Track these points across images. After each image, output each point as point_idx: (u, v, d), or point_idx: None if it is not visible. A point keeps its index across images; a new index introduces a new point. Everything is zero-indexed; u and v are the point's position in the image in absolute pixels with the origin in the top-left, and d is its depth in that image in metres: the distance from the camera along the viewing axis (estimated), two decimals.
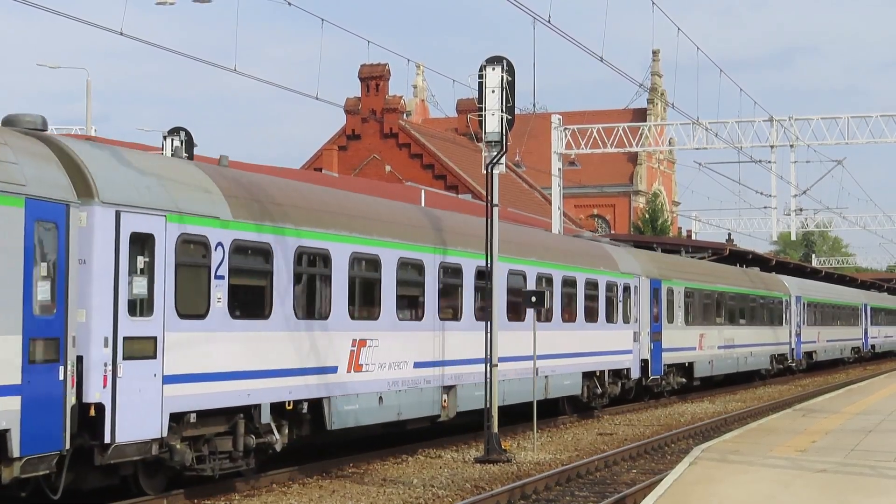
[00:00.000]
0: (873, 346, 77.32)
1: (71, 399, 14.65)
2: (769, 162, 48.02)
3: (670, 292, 37.82)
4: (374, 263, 21.47)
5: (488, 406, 22.74)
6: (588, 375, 31.13)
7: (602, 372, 32.19)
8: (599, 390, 32.02)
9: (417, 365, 22.63)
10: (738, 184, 54.74)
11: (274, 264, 18.58)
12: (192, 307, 16.85)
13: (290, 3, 21.61)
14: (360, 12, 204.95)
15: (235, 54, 21.75)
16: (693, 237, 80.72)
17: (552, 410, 30.94)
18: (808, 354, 57.70)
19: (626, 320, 33.42)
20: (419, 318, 22.88)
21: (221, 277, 17.41)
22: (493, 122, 22.71)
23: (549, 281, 28.73)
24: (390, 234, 21.97)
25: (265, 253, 18.48)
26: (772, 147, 46.85)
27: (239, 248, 17.84)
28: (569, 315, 30.13)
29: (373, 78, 79.99)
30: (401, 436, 24.49)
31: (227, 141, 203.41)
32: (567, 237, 36.44)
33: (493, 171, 22.98)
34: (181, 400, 16.45)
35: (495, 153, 22.87)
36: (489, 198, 23.00)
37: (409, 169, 78.88)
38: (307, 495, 18.21)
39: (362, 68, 79.77)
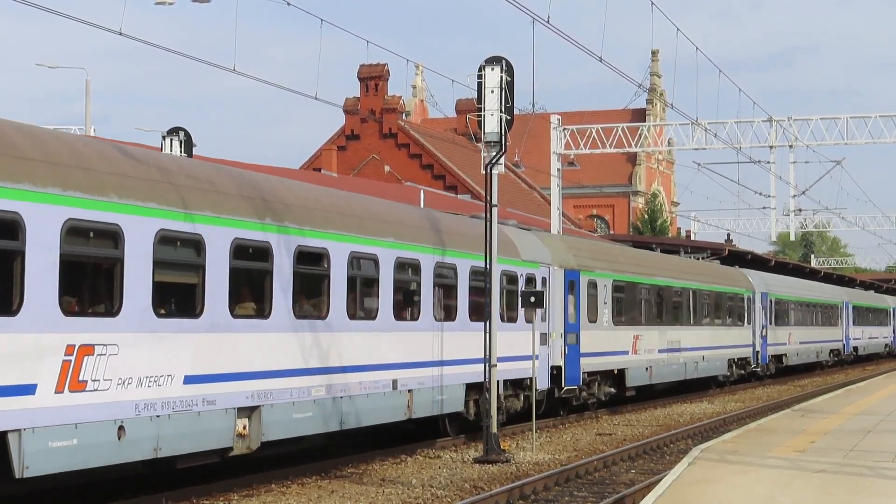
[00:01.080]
0: (855, 349, 72.01)
1: None
2: (768, 162, 48.01)
3: (593, 286, 32.14)
4: (109, 236, 15.44)
5: (487, 406, 22.75)
6: (476, 387, 25.07)
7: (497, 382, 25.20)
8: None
9: (191, 380, 16.58)
10: (737, 184, 54.63)
11: None
12: None
13: (289, 4, 21.61)
14: (359, 12, 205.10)
15: (234, 54, 21.74)
16: (692, 238, 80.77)
17: (426, 433, 25.01)
18: (777, 358, 52.50)
19: (529, 319, 26.43)
20: (196, 314, 16.92)
21: None
22: (492, 123, 22.72)
23: (416, 268, 23.10)
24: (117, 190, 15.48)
25: None
26: (771, 147, 46.83)
27: None
28: (446, 313, 24.28)
29: (372, 78, 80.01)
30: (400, 436, 24.49)
31: (227, 141, 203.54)
32: (447, 214, 27.54)
33: (492, 172, 22.99)
34: None
35: (494, 153, 22.88)
36: (488, 198, 23.00)
37: (408, 169, 78.88)
38: (306, 495, 18.21)
39: (361, 68, 79.80)
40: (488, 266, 22.98)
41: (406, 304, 22.91)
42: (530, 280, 28.18)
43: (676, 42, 31.18)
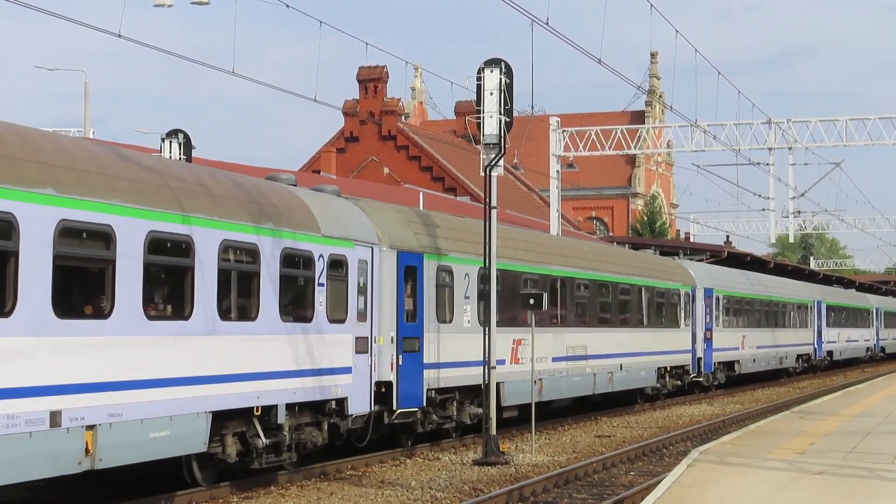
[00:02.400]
0: (830, 354, 63.93)
1: None
2: (767, 164, 48.06)
3: (446, 274, 24.23)
4: None
5: (486, 407, 22.76)
6: (232, 416, 17.75)
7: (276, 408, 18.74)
8: (261, 442, 18.43)
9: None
10: (736, 186, 54.72)
11: None
12: None
13: (288, 6, 21.63)
14: (358, 15, 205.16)
15: (234, 56, 21.77)
16: (691, 239, 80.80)
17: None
18: (728, 365, 45.31)
19: (341, 318, 20.20)
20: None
21: None
22: (491, 125, 22.72)
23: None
24: None
25: None
26: (770, 149, 46.89)
27: None
28: (173, 308, 16.73)
29: (371, 80, 79.99)
30: (398, 437, 24.46)
31: (226, 143, 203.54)
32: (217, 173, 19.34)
33: (492, 174, 23.00)
34: None
35: (493, 155, 22.89)
36: (487, 200, 23.01)
37: (407, 171, 78.86)
38: (305, 497, 18.21)
39: (360, 70, 79.79)
40: (487, 267, 22.98)
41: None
42: (336, 264, 20.44)
43: (675, 44, 31.25)
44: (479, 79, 22.84)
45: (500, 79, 22.70)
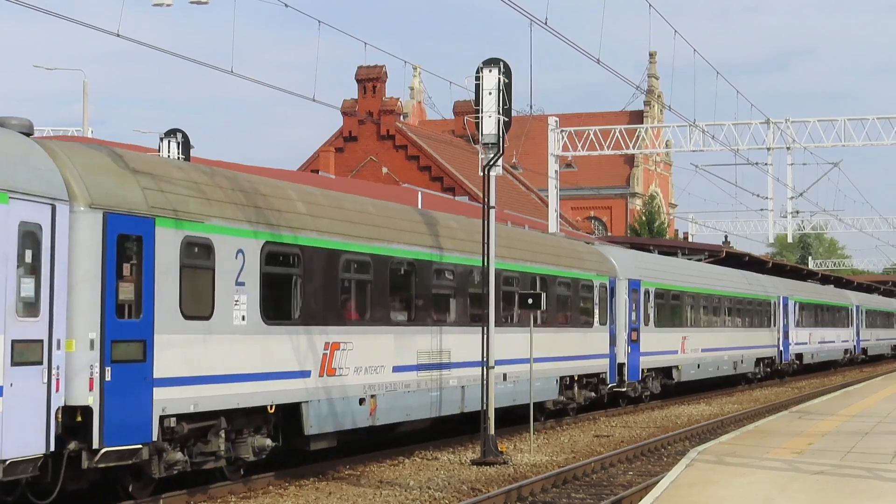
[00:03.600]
0: (799, 357, 56.58)
1: None
2: (766, 164, 48.09)
3: (203, 250, 17.48)
4: None
5: (484, 408, 22.76)
6: None
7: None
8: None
9: None
10: (734, 186, 54.70)
11: None
12: None
13: (286, 5, 21.61)
14: (357, 14, 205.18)
15: (232, 56, 21.77)
16: (690, 239, 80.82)
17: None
18: (665, 372, 38.24)
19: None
20: None
21: None
22: (489, 125, 22.73)
23: None
24: None
25: None
26: (768, 149, 46.90)
27: None
28: None
29: (370, 80, 79.99)
30: (397, 438, 24.48)
31: (225, 143, 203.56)
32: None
33: (490, 173, 23.00)
34: None
35: (492, 155, 22.89)
36: (486, 200, 23.02)
37: (405, 171, 78.87)
38: (303, 497, 18.21)
39: (359, 70, 79.80)
40: (486, 267, 22.98)
41: None
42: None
43: (674, 44, 31.25)
44: (477, 79, 22.84)
45: (499, 79, 22.71)
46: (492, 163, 22.92)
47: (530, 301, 24.69)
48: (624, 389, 34.29)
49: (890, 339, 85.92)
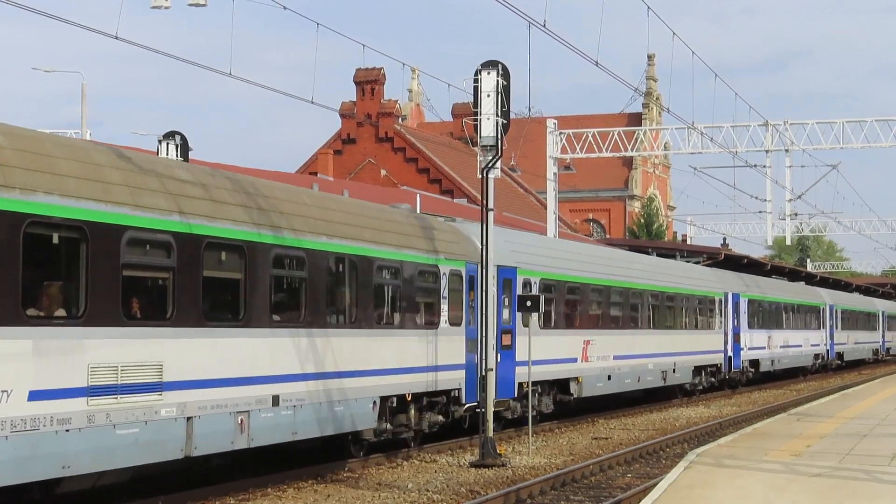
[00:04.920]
0: (754, 364, 48.67)
1: None
2: (764, 166, 48.13)
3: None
4: None
5: (483, 410, 22.77)
6: None
7: None
8: None
9: None
10: (733, 188, 54.70)
11: None
12: None
13: (285, 8, 21.63)
14: (355, 16, 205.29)
15: (231, 58, 21.74)
16: (688, 242, 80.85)
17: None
18: (560, 386, 30.28)
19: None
20: None
21: None
22: (488, 127, 22.74)
23: None
24: None
25: None
26: (767, 151, 46.95)
27: None
28: None
29: (368, 82, 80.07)
30: (396, 440, 24.47)
31: (223, 145, 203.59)
32: None
33: (489, 176, 23.01)
34: None
35: (490, 157, 22.90)
36: (484, 202, 23.03)
37: (404, 173, 78.92)
38: (302, 499, 18.21)
39: (358, 72, 79.86)
40: (484, 269, 22.99)
41: None
42: None
43: (672, 46, 31.30)
44: (476, 81, 22.86)
45: (497, 81, 22.72)
46: (490, 165, 22.93)
47: (528, 304, 24.65)
48: (507, 412, 27.12)
49: (870, 342, 77.27)
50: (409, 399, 23.02)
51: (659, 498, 15.29)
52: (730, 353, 44.92)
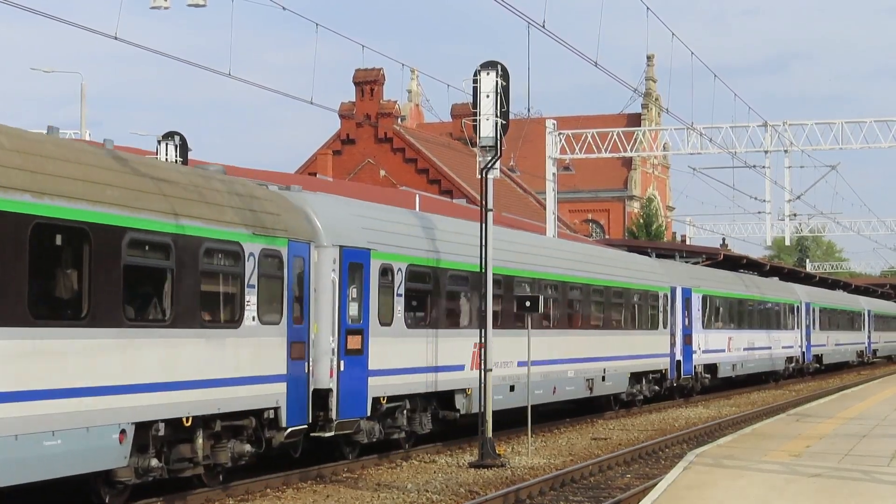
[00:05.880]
0: (711, 368, 43.13)
1: None
2: (763, 167, 48.12)
3: None
4: None
5: (482, 411, 22.78)
6: None
7: None
8: None
9: None
10: (732, 189, 54.64)
11: None
12: None
13: (284, 9, 21.64)
14: (354, 17, 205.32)
15: (230, 59, 21.74)
16: (687, 242, 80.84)
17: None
18: (441, 401, 24.78)
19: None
20: None
21: None
22: (487, 127, 22.75)
23: None
24: None
25: None
26: (766, 152, 46.94)
27: None
28: None
29: (367, 82, 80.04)
30: (395, 440, 24.48)
31: (223, 145, 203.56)
32: None
33: (488, 176, 23.03)
34: None
35: (490, 158, 22.92)
36: (484, 203, 23.04)
37: (403, 173, 78.89)
38: (301, 500, 18.22)
39: (357, 73, 79.85)
40: (484, 270, 23.01)
41: None
42: None
43: (672, 47, 31.34)
44: (475, 81, 22.87)
45: (497, 81, 22.73)
46: (489, 165, 22.94)
47: (528, 304, 24.62)
48: (331, 433, 20.53)
49: (854, 344, 71.48)
50: (188, 423, 16.99)
51: (658, 498, 15.30)
52: (678, 357, 39.03)
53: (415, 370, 23.33)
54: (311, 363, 19.93)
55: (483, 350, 22.94)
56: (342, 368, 20.66)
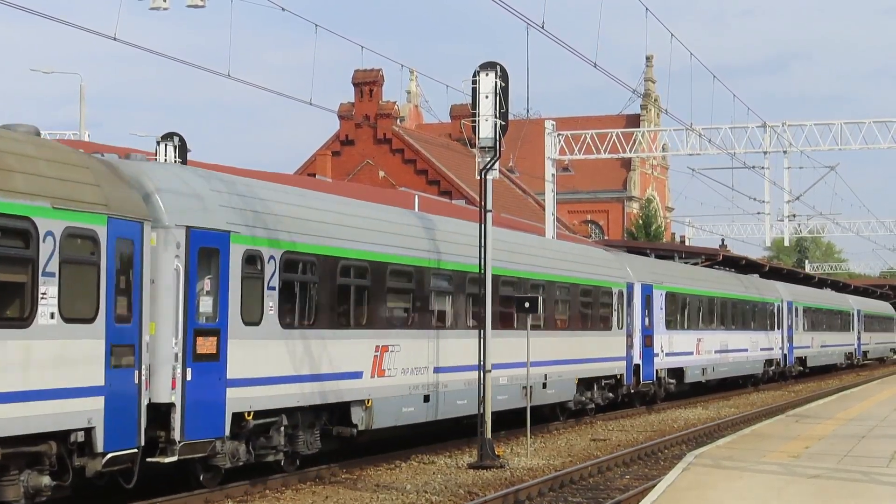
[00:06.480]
0: (677, 373, 39.17)
1: None
2: (762, 168, 48.14)
3: None
4: None
5: (481, 412, 22.77)
6: None
7: None
8: None
9: None
10: (731, 190, 54.58)
11: None
12: None
13: (283, 9, 21.64)
14: (353, 18, 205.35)
15: (229, 59, 21.75)
16: (687, 243, 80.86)
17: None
18: (336, 415, 20.96)
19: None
20: None
21: None
22: (486, 128, 22.75)
23: None
24: None
25: None
26: (765, 153, 46.93)
27: None
28: None
29: (366, 83, 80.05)
30: (395, 442, 24.48)
31: (222, 146, 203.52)
32: None
33: (487, 177, 23.02)
34: None
35: (489, 159, 22.91)
36: (483, 203, 23.03)
37: (402, 174, 78.89)
38: (300, 501, 18.23)
39: (356, 74, 79.86)
40: (483, 272, 23.00)
41: None
42: None
43: (671, 48, 31.29)
44: (474, 82, 22.87)
45: (496, 82, 22.73)
46: (489, 166, 22.93)
47: (527, 305, 24.62)
48: (173, 458, 16.89)
49: (842, 345, 68.23)
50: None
51: (657, 499, 15.29)
52: (637, 361, 35.09)
53: (295, 379, 19.31)
54: (144, 372, 16.09)
55: (482, 351, 22.89)
56: (189, 378, 17.01)
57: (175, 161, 30.41)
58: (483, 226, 22.96)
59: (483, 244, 22.92)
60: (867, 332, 76.36)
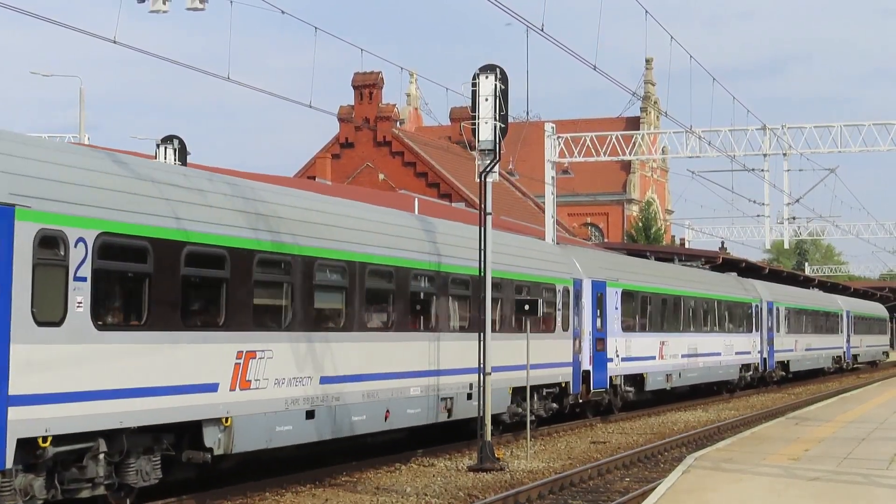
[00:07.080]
0: (636, 381, 35.47)
1: None
2: (762, 170, 48.11)
3: None
4: None
5: (481, 414, 22.75)
6: None
7: None
8: None
9: None
10: (731, 192, 54.69)
11: None
12: None
13: (283, 12, 21.63)
14: (353, 21, 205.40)
15: (229, 62, 21.73)
16: (686, 245, 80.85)
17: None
18: (184, 435, 16.82)
19: None
20: None
21: None
22: (486, 131, 22.75)
23: None
24: None
25: None
26: (765, 155, 46.90)
27: None
28: None
29: (366, 86, 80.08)
30: (394, 444, 24.49)
31: (222, 149, 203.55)
32: None
33: (487, 180, 23.02)
34: None
35: (488, 161, 22.92)
36: (482, 206, 23.03)
37: (402, 177, 78.92)
38: (300, 503, 18.21)
39: (356, 76, 79.90)
40: (483, 273, 22.99)
41: None
42: None
43: (670, 50, 31.28)
44: (474, 85, 22.87)
45: (496, 85, 22.74)
46: (488, 169, 22.94)
47: (527, 307, 24.59)
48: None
49: (830, 349, 64.66)
50: None
51: (657, 502, 15.30)
52: (587, 367, 31.50)
53: (117, 394, 15.25)
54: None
55: (482, 353, 22.87)
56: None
57: (175, 163, 30.43)
58: (483, 228, 22.95)
59: (483, 247, 22.90)
60: (857, 334, 72.92)
